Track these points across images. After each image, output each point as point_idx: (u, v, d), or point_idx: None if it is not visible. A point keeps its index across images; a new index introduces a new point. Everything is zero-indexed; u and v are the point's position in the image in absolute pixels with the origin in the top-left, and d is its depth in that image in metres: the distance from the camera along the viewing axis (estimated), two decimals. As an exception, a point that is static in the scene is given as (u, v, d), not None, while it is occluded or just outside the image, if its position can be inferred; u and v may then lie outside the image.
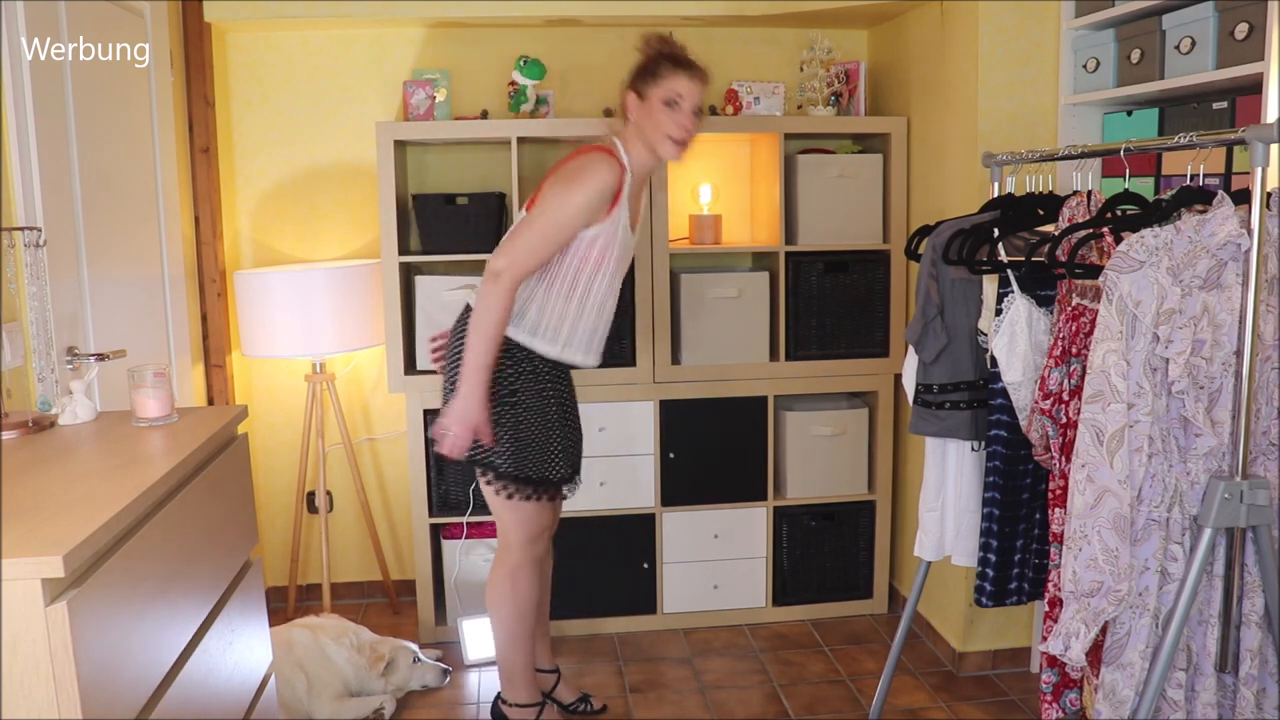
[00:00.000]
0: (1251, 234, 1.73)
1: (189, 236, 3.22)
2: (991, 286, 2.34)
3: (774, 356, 3.39)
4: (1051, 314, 2.20)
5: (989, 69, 2.89)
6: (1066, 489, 1.94)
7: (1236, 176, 2.23)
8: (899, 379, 3.43)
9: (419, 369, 3.26)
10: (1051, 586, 2.08)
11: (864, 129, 3.43)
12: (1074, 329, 2.03)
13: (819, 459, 3.45)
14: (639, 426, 3.33)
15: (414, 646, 3.04)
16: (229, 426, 1.88)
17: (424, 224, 3.28)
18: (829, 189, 3.35)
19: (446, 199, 3.26)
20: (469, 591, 3.32)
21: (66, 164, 2.32)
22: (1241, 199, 1.79)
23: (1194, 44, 2.36)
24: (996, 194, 2.52)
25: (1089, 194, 2.18)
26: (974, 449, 2.45)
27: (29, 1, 2.14)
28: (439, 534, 3.41)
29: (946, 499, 2.52)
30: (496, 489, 2.52)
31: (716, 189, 3.60)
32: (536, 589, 2.65)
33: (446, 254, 3.25)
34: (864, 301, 3.39)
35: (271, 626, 2.20)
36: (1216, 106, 2.33)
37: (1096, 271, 1.92)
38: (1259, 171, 1.71)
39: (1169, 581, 1.85)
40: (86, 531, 1.24)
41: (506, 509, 2.54)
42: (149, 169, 2.85)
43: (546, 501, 2.58)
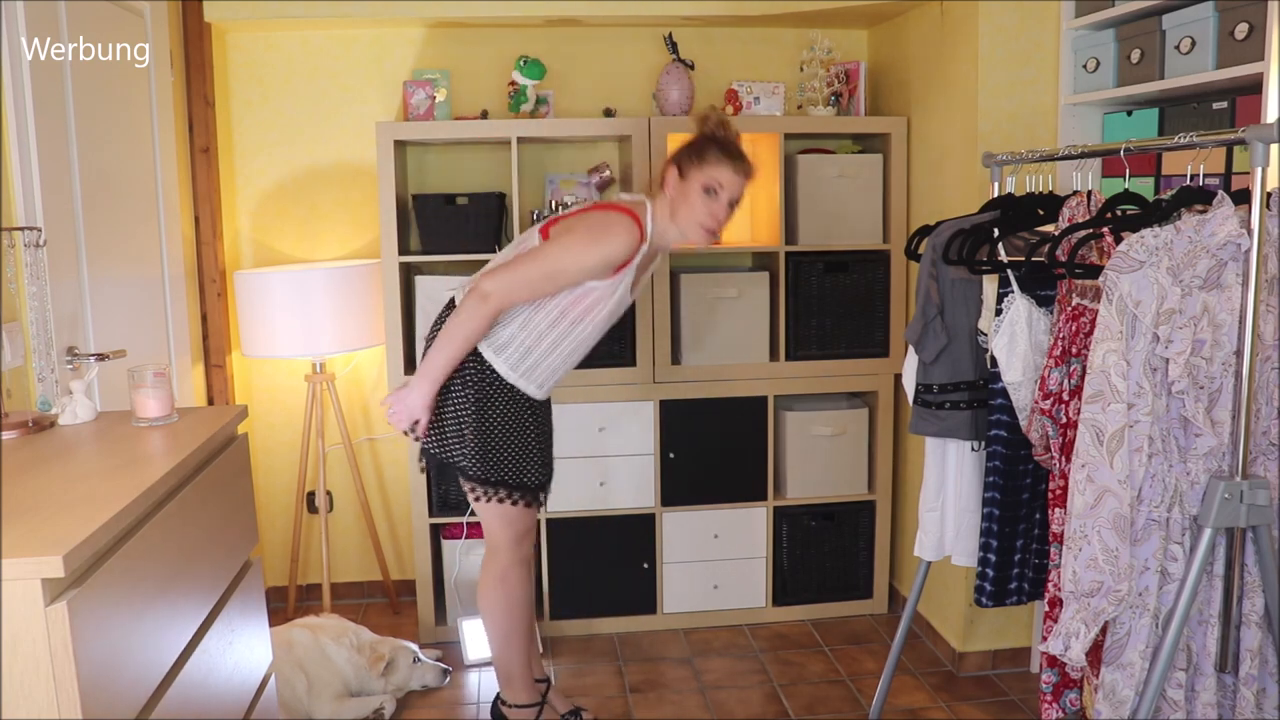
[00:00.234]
0: (1251, 234, 1.73)
1: (189, 236, 3.22)
2: (991, 286, 2.34)
3: (774, 356, 3.39)
4: (1051, 314, 2.20)
5: (989, 69, 2.89)
6: (1066, 489, 1.94)
7: (1236, 176, 2.23)
8: (899, 379, 3.43)
9: (419, 369, 3.26)
10: (1051, 586, 2.08)
11: (864, 129, 3.43)
12: (1074, 329, 2.03)
13: (819, 459, 3.45)
14: (639, 426, 3.33)
15: (414, 646, 3.04)
16: (229, 426, 1.88)
17: (424, 224, 3.28)
18: (829, 189, 3.35)
19: (446, 199, 3.26)
20: (469, 591, 3.32)
21: (66, 164, 2.32)
22: (1241, 199, 1.79)
23: (1194, 44, 2.36)
24: (996, 194, 2.52)
25: (1089, 194, 2.18)
26: (974, 449, 2.45)
27: (29, 1, 2.14)
28: (439, 534, 3.41)
29: (946, 499, 2.52)
30: (472, 491, 2.53)
31: (716, 189, 3.60)
32: (527, 589, 2.66)
33: (446, 254, 3.25)
34: (864, 301, 3.39)
35: (271, 626, 2.20)
36: (1216, 106, 2.33)
37: (1096, 271, 1.92)
38: (1259, 171, 1.71)
39: (1169, 581, 1.85)
40: (86, 531, 1.24)
41: (489, 511, 2.55)
42: (149, 169, 2.85)
43: (525, 506, 2.57)
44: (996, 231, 2.28)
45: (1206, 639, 1.88)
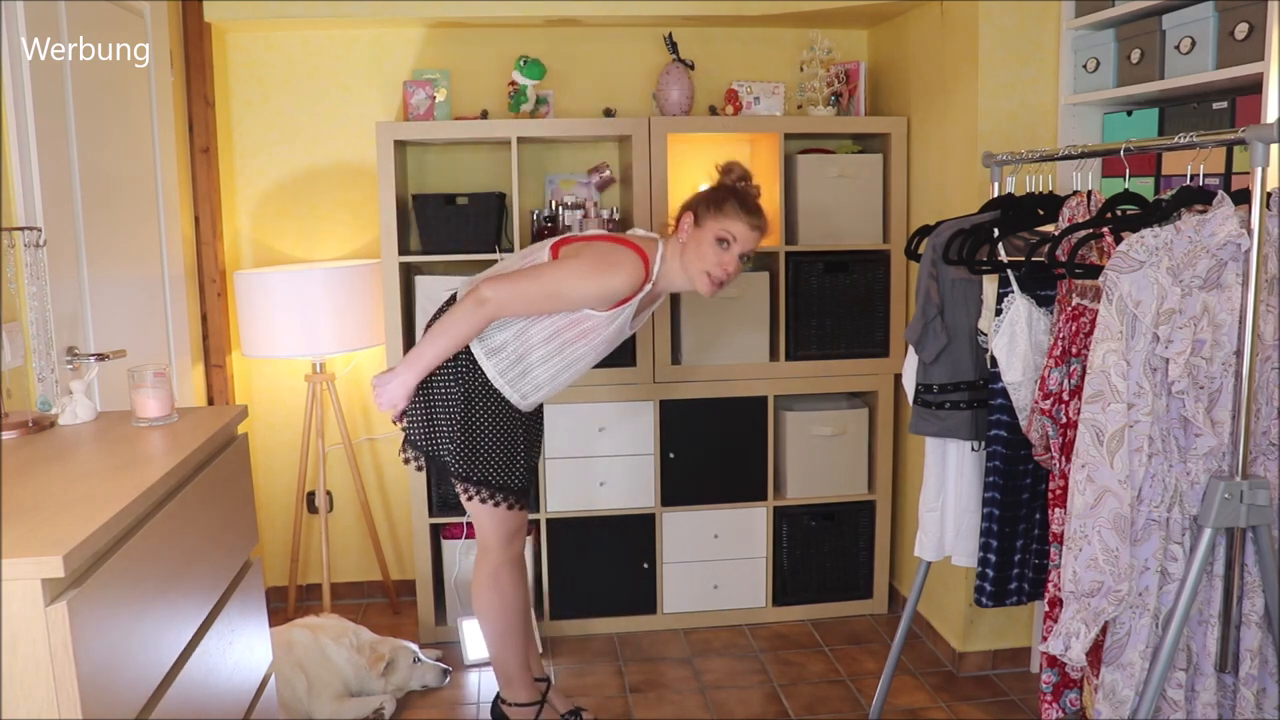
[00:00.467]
0: (1251, 234, 1.73)
1: (189, 236, 3.22)
2: (991, 286, 2.34)
3: (774, 356, 3.39)
4: (1051, 314, 2.20)
5: (989, 69, 2.89)
6: (1066, 489, 1.94)
7: (1236, 176, 2.23)
8: (899, 379, 3.43)
9: (419, 369, 3.26)
10: (1051, 586, 2.08)
11: (864, 129, 3.43)
12: (1074, 329, 2.03)
13: (819, 459, 3.45)
14: (639, 426, 3.33)
15: (414, 646, 3.04)
16: (229, 427, 1.88)
17: (424, 224, 3.28)
18: (829, 189, 3.35)
19: (446, 199, 3.26)
20: (469, 591, 3.30)
21: (66, 164, 2.32)
22: (1241, 199, 1.79)
23: (1194, 44, 2.36)
24: (996, 194, 2.52)
25: (1089, 194, 2.18)
26: (974, 449, 2.45)
27: (29, 1, 2.14)
28: (439, 534, 3.41)
29: (946, 499, 2.52)
30: (459, 488, 2.53)
31: (716, 189, 3.60)
32: (521, 587, 2.66)
33: (446, 254, 3.25)
34: (864, 301, 3.39)
35: (271, 626, 2.20)
36: (1216, 106, 2.33)
37: (1096, 271, 1.92)
38: (1259, 171, 1.71)
39: (1169, 581, 1.85)
40: (86, 531, 1.24)
41: (478, 510, 2.55)
42: (149, 169, 2.85)
43: (508, 508, 2.56)
44: (996, 231, 2.28)
45: (1206, 639, 1.88)
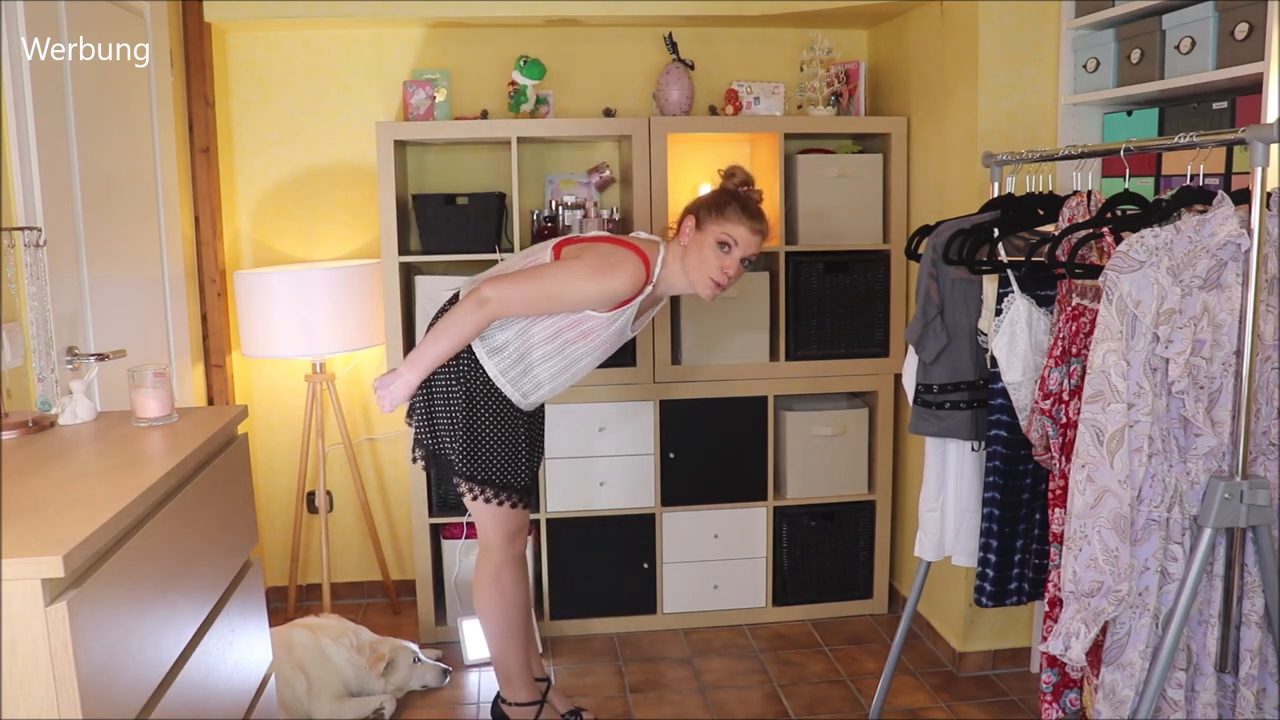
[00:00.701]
0: (1251, 234, 1.73)
1: (189, 236, 3.22)
2: (991, 286, 2.34)
3: (774, 356, 3.39)
4: (1051, 314, 2.20)
5: (989, 69, 2.89)
6: (1066, 489, 1.94)
7: (1236, 176, 2.23)
8: (899, 379, 3.43)
9: (419, 369, 3.26)
10: (1051, 586, 2.08)
11: (864, 129, 3.43)
12: (1074, 329, 2.03)
13: (819, 459, 3.45)
14: (639, 426, 3.33)
15: (414, 646, 3.04)
16: (229, 427, 1.88)
17: (424, 224, 3.28)
18: (829, 189, 3.35)
19: (446, 199, 3.26)
20: (469, 591, 3.31)
21: (66, 164, 2.32)
22: (1241, 199, 1.79)
23: (1194, 44, 2.36)
24: (996, 194, 2.52)
25: (1089, 194, 2.18)
26: (974, 449, 2.45)
27: (29, 1, 2.14)
28: (439, 534, 3.41)
29: (946, 499, 2.52)
30: (462, 487, 2.53)
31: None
32: (522, 586, 2.66)
33: (446, 254, 3.25)
34: (864, 301, 3.39)
35: (271, 626, 2.20)
36: (1216, 106, 2.33)
37: (1096, 271, 1.92)
38: (1259, 171, 1.71)
39: (1169, 581, 1.85)
40: (86, 531, 1.24)
41: (480, 509, 2.55)
42: (149, 169, 2.85)
43: (510, 507, 2.57)
44: (996, 231, 2.28)
45: (1206, 639, 1.88)
